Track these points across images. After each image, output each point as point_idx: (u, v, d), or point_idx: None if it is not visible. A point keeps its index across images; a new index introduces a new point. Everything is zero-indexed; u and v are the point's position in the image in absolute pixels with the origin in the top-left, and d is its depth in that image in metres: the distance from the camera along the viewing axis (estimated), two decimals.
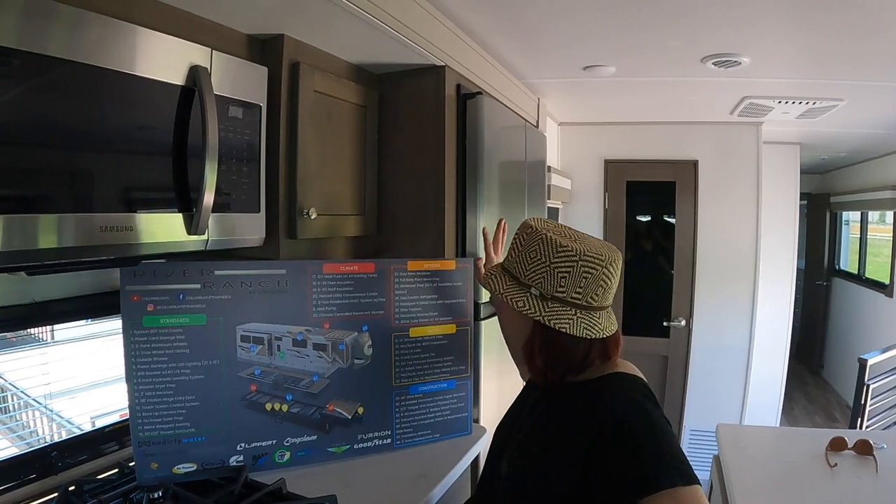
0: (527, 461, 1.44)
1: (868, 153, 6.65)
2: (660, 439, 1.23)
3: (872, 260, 7.49)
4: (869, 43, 2.79)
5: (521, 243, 1.47)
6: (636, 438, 1.24)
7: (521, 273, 1.44)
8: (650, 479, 1.17)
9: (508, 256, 1.51)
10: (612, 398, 1.35)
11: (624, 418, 1.28)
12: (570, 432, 1.35)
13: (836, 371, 7.95)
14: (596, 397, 1.38)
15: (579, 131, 5.39)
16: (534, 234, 1.44)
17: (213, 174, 1.59)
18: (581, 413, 1.37)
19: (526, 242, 1.45)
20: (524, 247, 1.45)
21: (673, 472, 1.17)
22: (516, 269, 1.46)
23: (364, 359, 2.15)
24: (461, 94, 2.61)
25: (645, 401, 1.33)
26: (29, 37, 1.21)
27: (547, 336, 1.42)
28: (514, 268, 1.47)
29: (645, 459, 1.21)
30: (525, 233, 1.47)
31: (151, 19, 1.58)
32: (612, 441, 1.25)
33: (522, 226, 1.50)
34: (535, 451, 1.43)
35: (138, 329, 1.79)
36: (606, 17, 2.60)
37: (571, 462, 1.30)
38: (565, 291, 1.39)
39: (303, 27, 2.03)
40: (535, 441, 1.46)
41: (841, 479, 2.22)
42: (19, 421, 2.07)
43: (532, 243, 1.43)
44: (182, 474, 1.86)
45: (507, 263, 1.51)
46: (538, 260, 1.41)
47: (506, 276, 1.49)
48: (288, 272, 2.01)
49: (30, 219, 1.26)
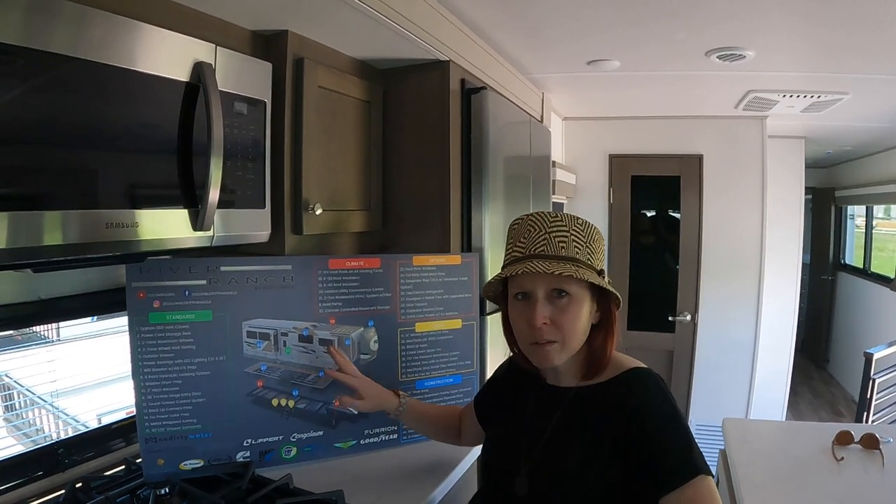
0: (556, 476, 1.38)
1: (873, 147, 6.63)
2: (687, 430, 1.30)
3: (878, 254, 7.48)
4: (875, 35, 2.78)
5: (582, 234, 1.44)
6: (674, 429, 1.29)
7: (591, 260, 1.44)
8: (683, 470, 1.24)
9: (571, 247, 1.42)
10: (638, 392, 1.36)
11: (654, 409, 1.32)
12: (599, 438, 1.35)
13: (842, 365, 7.94)
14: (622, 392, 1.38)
15: (584, 126, 5.38)
16: (590, 227, 1.46)
17: (218, 170, 1.59)
18: (608, 414, 1.36)
19: (587, 233, 1.45)
20: (587, 237, 1.45)
21: (700, 462, 1.25)
22: (588, 257, 1.43)
23: (370, 354, 2.15)
24: (465, 89, 2.61)
25: (670, 394, 1.37)
26: (33, 34, 1.21)
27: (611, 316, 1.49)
28: (585, 257, 1.43)
29: (679, 448, 1.27)
30: (579, 224, 1.45)
31: (155, 16, 1.58)
32: (651, 432, 1.29)
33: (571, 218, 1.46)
34: (565, 464, 1.38)
35: (144, 325, 1.79)
36: (611, 10, 2.60)
37: (608, 464, 1.31)
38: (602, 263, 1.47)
39: (307, 23, 2.03)
40: (557, 456, 1.41)
41: (847, 473, 2.22)
42: (25, 419, 2.08)
43: (593, 233, 1.46)
44: (189, 470, 1.86)
45: (570, 253, 1.41)
46: (601, 250, 1.47)
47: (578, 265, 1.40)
48: (293, 268, 2.01)
49: (35, 216, 1.26)
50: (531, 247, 1.43)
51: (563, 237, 1.41)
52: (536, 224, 1.44)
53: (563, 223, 1.43)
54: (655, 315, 5.28)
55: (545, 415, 1.49)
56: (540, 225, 1.44)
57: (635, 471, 1.28)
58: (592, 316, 1.46)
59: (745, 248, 5.13)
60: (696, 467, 1.24)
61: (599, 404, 1.39)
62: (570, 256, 1.40)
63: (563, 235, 1.41)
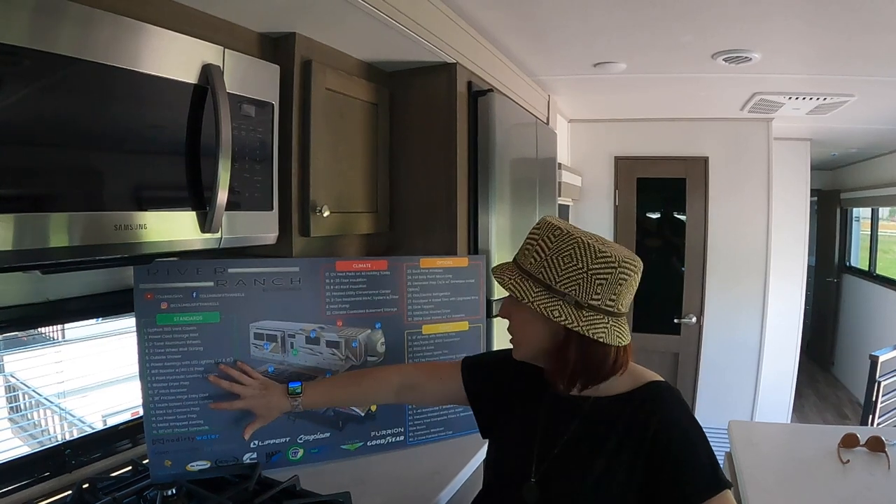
0: (569, 486, 1.35)
1: (879, 149, 6.61)
2: (708, 447, 1.29)
3: (883, 256, 7.46)
4: (880, 38, 2.77)
5: (548, 246, 1.35)
6: (695, 445, 1.29)
7: (551, 279, 1.33)
8: (707, 489, 1.24)
9: (531, 259, 1.37)
10: (663, 408, 1.35)
11: (681, 427, 1.31)
12: (617, 451, 1.32)
13: (847, 368, 7.91)
14: (645, 408, 1.35)
15: (590, 128, 5.38)
16: (566, 237, 1.33)
17: (226, 172, 1.58)
18: (628, 426, 1.33)
19: (556, 245, 1.34)
20: (554, 250, 1.33)
21: (722, 477, 1.25)
22: (545, 274, 1.34)
23: (377, 356, 2.15)
24: (472, 91, 2.61)
25: (689, 409, 1.36)
26: (40, 35, 1.21)
27: (581, 346, 1.33)
28: (541, 273, 1.34)
29: (706, 464, 1.26)
30: (552, 234, 1.35)
31: (163, 18, 1.58)
32: (673, 450, 1.28)
33: (546, 226, 1.39)
34: (579, 475, 1.34)
35: (152, 327, 1.80)
36: (618, 13, 2.59)
37: (625, 478, 1.30)
38: (600, 299, 1.31)
39: (314, 25, 2.03)
40: (571, 467, 1.37)
41: (853, 475, 2.22)
42: (32, 420, 2.08)
43: (565, 247, 1.33)
44: (196, 472, 1.87)
45: (529, 266, 1.37)
46: (573, 266, 1.31)
47: (530, 281, 1.36)
48: (301, 270, 2.01)
49: (42, 217, 1.26)
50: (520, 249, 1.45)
51: (528, 246, 1.40)
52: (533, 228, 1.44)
53: (537, 234, 1.39)
54: (661, 317, 5.27)
55: (560, 424, 1.44)
56: (533, 229, 1.43)
57: (657, 490, 1.27)
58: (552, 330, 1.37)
59: (751, 251, 5.13)
60: (720, 484, 1.24)
61: (618, 419, 1.35)
62: (522, 267, 1.39)
63: (528, 245, 1.40)
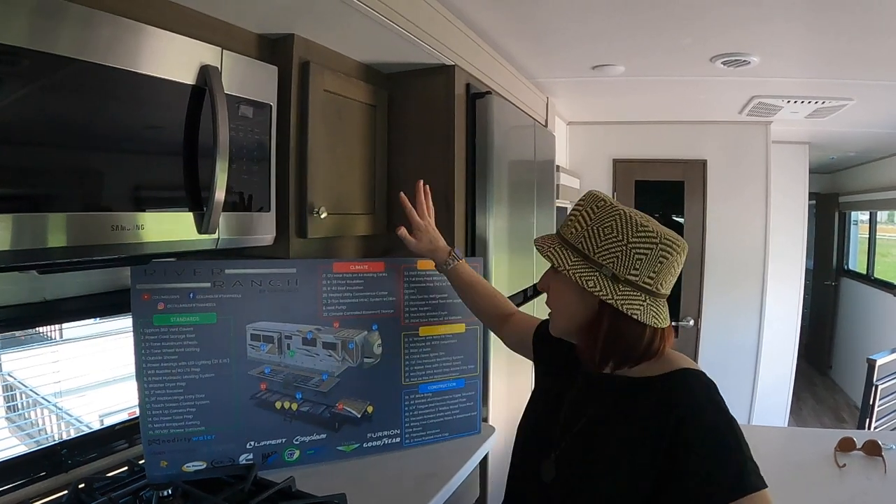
0: (584, 467, 1.33)
1: (877, 153, 6.63)
2: (741, 442, 1.21)
3: (881, 260, 7.48)
4: (879, 43, 2.78)
5: (589, 216, 1.33)
6: (722, 441, 1.20)
7: (589, 249, 1.31)
8: (737, 483, 1.16)
9: (572, 229, 1.35)
10: (690, 397, 1.26)
11: (707, 420, 1.22)
12: (639, 434, 1.26)
13: (845, 371, 7.93)
14: (671, 395, 1.27)
15: (588, 131, 5.39)
16: (608, 209, 1.32)
17: (223, 173, 1.58)
18: (652, 412, 1.27)
19: (598, 216, 1.32)
20: (595, 220, 1.32)
21: (753, 475, 1.17)
22: (584, 244, 1.31)
23: (374, 357, 2.15)
24: (470, 93, 2.61)
25: (722, 401, 1.26)
26: (39, 36, 1.21)
27: (615, 321, 1.31)
28: (580, 242, 1.32)
29: (732, 463, 1.18)
30: (595, 205, 1.34)
31: (162, 19, 1.58)
32: (695, 444, 1.20)
33: (591, 198, 1.36)
34: (592, 458, 1.32)
35: (149, 328, 1.80)
36: (617, 16, 2.60)
37: (642, 466, 1.24)
38: (638, 275, 1.28)
39: (313, 27, 2.03)
40: (590, 445, 1.34)
41: (850, 479, 2.22)
42: (28, 419, 2.08)
43: (606, 218, 1.30)
44: (192, 472, 1.87)
45: (569, 236, 1.35)
46: (613, 237, 1.29)
47: (568, 250, 1.34)
48: (298, 271, 2.01)
49: (40, 218, 1.26)
50: None
51: (571, 217, 1.37)
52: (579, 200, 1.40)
53: (582, 205, 1.36)
54: None
55: (583, 400, 1.42)
56: (578, 201, 1.39)
57: (675, 484, 1.20)
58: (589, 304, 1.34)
59: (749, 254, 5.14)
60: (747, 486, 1.16)
61: (643, 402, 1.30)
62: (563, 236, 1.37)
63: (572, 215, 1.37)
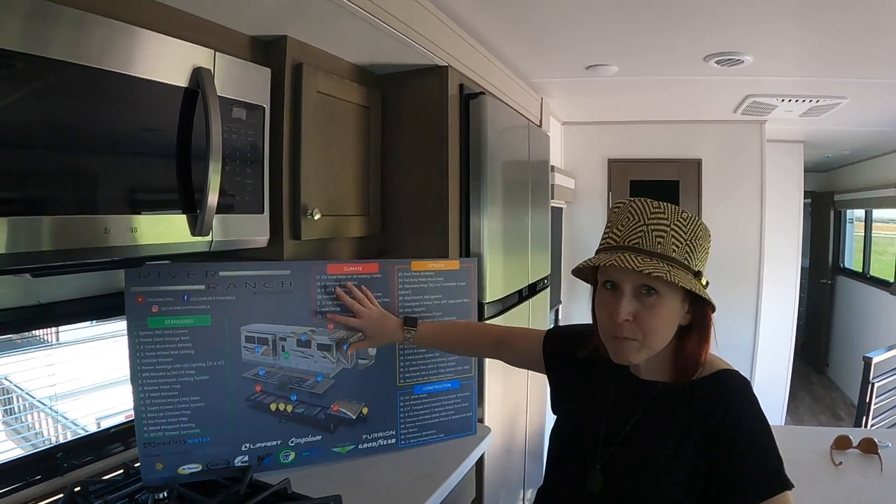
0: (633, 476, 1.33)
1: (872, 151, 6.64)
2: (773, 443, 1.25)
3: (877, 258, 7.48)
4: (873, 41, 2.78)
5: (683, 230, 1.32)
6: (761, 443, 1.25)
7: (689, 260, 1.31)
8: (773, 483, 1.22)
9: (669, 244, 1.31)
10: (733, 399, 1.30)
11: (750, 421, 1.27)
12: (684, 439, 1.29)
13: (842, 370, 7.94)
14: (712, 399, 1.30)
15: (583, 131, 5.40)
16: (695, 222, 1.34)
17: (216, 175, 1.59)
18: (698, 417, 1.30)
19: (690, 230, 1.32)
20: (689, 233, 1.32)
21: (784, 475, 1.23)
22: (686, 257, 1.31)
23: (368, 359, 2.15)
24: (464, 94, 2.61)
25: (757, 401, 1.31)
26: (33, 39, 1.21)
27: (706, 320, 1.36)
28: (683, 256, 1.31)
29: (769, 464, 1.23)
30: (682, 218, 1.33)
31: (154, 21, 1.58)
32: (738, 444, 1.24)
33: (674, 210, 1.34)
34: (641, 467, 1.33)
35: (143, 330, 1.80)
36: (611, 16, 2.60)
37: (690, 471, 1.27)
38: (703, 266, 1.35)
39: (306, 28, 2.03)
40: (638, 454, 1.35)
41: (846, 477, 2.23)
42: (24, 422, 2.08)
43: (697, 230, 1.33)
44: (187, 475, 1.86)
45: (666, 251, 1.31)
46: (705, 249, 1.35)
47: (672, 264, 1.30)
48: (292, 273, 2.01)
49: (34, 221, 1.26)
50: (627, 236, 1.33)
51: (662, 231, 1.31)
52: (637, 211, 1.34)
53: (665, 215, 1.33)
54: None
55: (627, 408, 1.41)
56: (640, 213, 1.34)
57: (717, 485, 1.24)
58: (682, 318, 1.36)
59: (745, 253, 5.15)
60: (782, 484, 1.22)
61: (687, 406, 1.32)
62: (664, 254, 1.30)
63: (662, 229, 1.32)
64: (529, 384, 3.36)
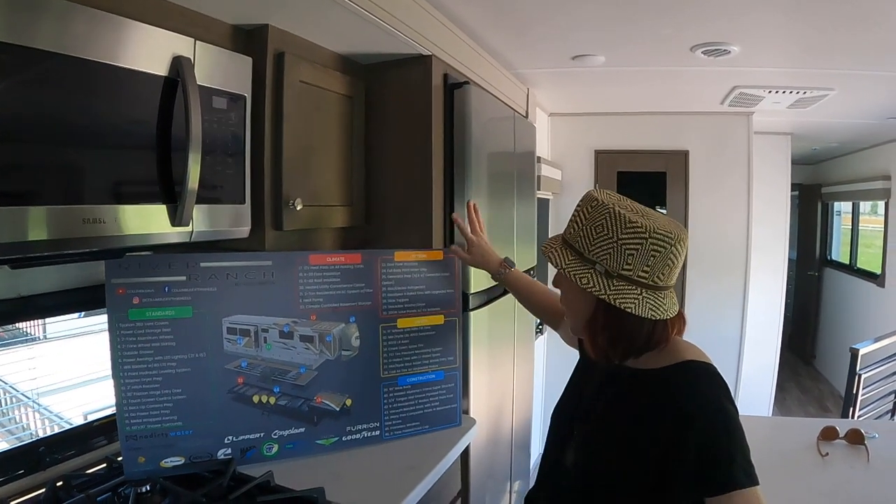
0: (593, 455, 1.41)
1: (859, 143, 6.67)
2: (735, 439, 1.23)
3: (864, 250, 7.52)
4: (860, 32, 2.79)
5: (584, 216, 1.38)
6: (714, 438, 1.23)
7: (584, 248, 1.36)
8: (723, 480, 1.20)
9: (570, 229, 1.41)
10: (688, 392, 1.30)
11: (702, 416, 1.25)
12: (641, 426, 1.33)
13: (829, 361, 7.99)
14: (672, 389, 1.32)
15: (569, 122, 5.40)
16: (600, 208, 1.36)
17: (196, 165, 1.58)
18: (654, 406, 1.32)
19: (591, 216, 1.37)
20: (588, 220, 1.37)
21: (741, 473, 1.20)
22: (580, 243, 1.37)
23: (352, 350, 2.14)
24: (448, 83, 2.60)
25: (722, 396, 1.28)
26: (18, 30, 1.21)
27: (611, 315, 1.36)
28: (577, 242, 1.38)
29: (721, 460, 1.21)
30: (589, 205, 1.38)
31: (135, 10, 1.56)
32: (690, 439, 1.23)
33: (586, 198, 1.42)
34: (603, 445, 1.39)
35: (124, 322, 1.78)
36: (597, 5, 2.60)
37: (643, 459, 1.29)
38: (632, 270, 1.32)
39: (288, 17, 2.01)
40: (601, 433, 1.42)
41: (833, 468, 2.23)
42: (8, 416, 2.06)
43: (598, 217, 1.35)
44: (170, 468, 1.86)
45: (568, 237, 1.42)
46: (604, 235, 1.33)
47: (567, 251, 1.40)
48: (274, 263, 2.00)
49: (17, 211, 1.26)
50: None
51: (571, 218, 1.43)
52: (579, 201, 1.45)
53: (579, 206, 1.43)
54: None
55: (599, 390, 1.50)
56: (578, 202, 1.44)
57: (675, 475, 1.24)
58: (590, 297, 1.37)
59: (732, 245, 5.17)
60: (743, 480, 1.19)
61: (649, 394, 1.35)
62: (566, 239, 1.43)
63: (572, 216, 1.43)
64: (515, 375, 3.36)
